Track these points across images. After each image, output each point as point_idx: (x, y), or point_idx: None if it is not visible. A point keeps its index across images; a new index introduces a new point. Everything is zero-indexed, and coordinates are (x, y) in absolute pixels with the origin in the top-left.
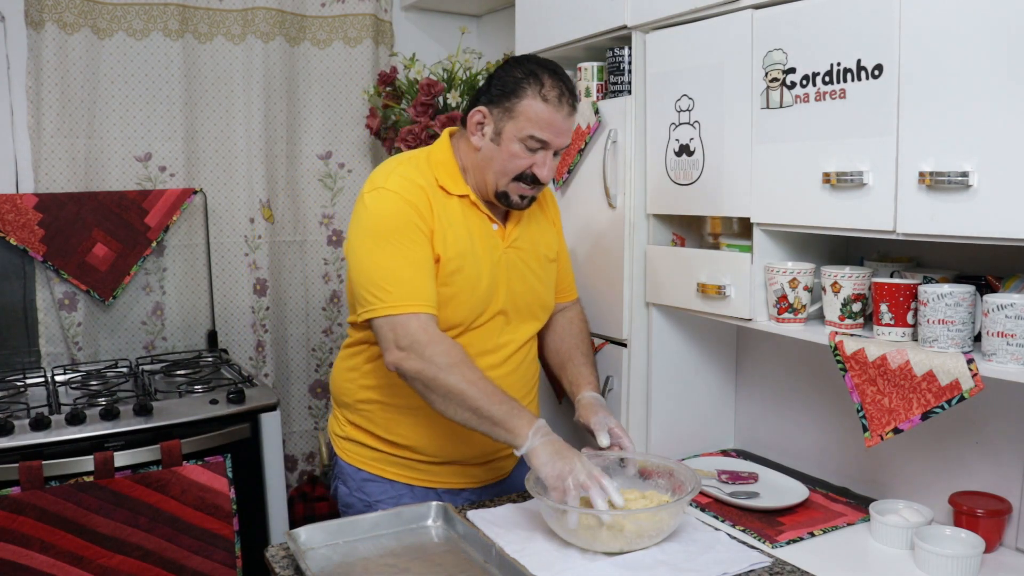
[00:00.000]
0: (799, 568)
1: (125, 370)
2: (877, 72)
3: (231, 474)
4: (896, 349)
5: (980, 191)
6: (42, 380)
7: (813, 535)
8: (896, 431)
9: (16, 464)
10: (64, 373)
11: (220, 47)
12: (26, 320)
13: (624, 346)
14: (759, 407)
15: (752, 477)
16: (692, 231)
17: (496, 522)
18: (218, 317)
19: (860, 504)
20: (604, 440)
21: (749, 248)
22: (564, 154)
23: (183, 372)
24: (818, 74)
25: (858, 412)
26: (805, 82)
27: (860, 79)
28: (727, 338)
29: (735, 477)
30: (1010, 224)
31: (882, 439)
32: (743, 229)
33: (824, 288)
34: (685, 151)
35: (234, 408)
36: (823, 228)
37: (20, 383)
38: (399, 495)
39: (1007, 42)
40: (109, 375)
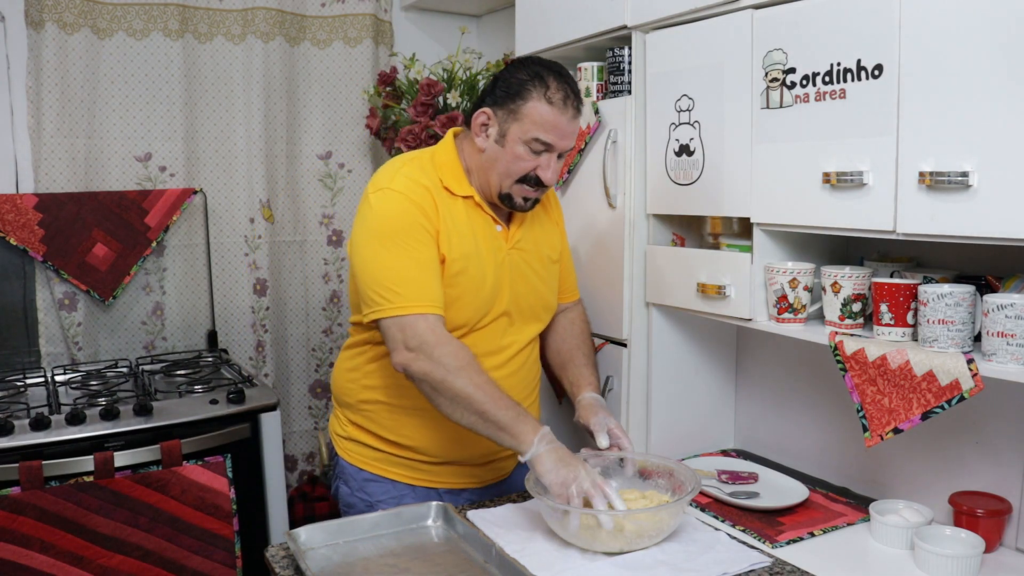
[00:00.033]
0: (799, 568)
1: (125, 370)
2: (877, 72)
3: (231, 474)
4: (896, 349)
5: (980, 191)
6: (42, 380)
7: (813, 535)
8: (896, 431)
9: (16, 464)
10: (64, 373)
11: (220, 47)
12: (26, 320)
13: (624, 346)
14: (759, 407)
15: (752, 477)
16: (692, 231)
17: (496, 522)
18: (218, 317)
19: (860, 504)
20: (603, 441)
21: (749, 248)
22: None
23: (183, 372)
24: (818, 74)
25: (858, 412)
26: (805, 82)
27: (860, 79)
28: (727, 338)
29: (735, 477)
30: (1010, 224)
31: (882, 439)
32: (743, 229)
33: (824, 288)
34: (685, 151)
35: (234, 408)
36: (823, 228)
37: (20, 383)
38: (401, 495)
39: (1007, 42)
40: (109, 375)
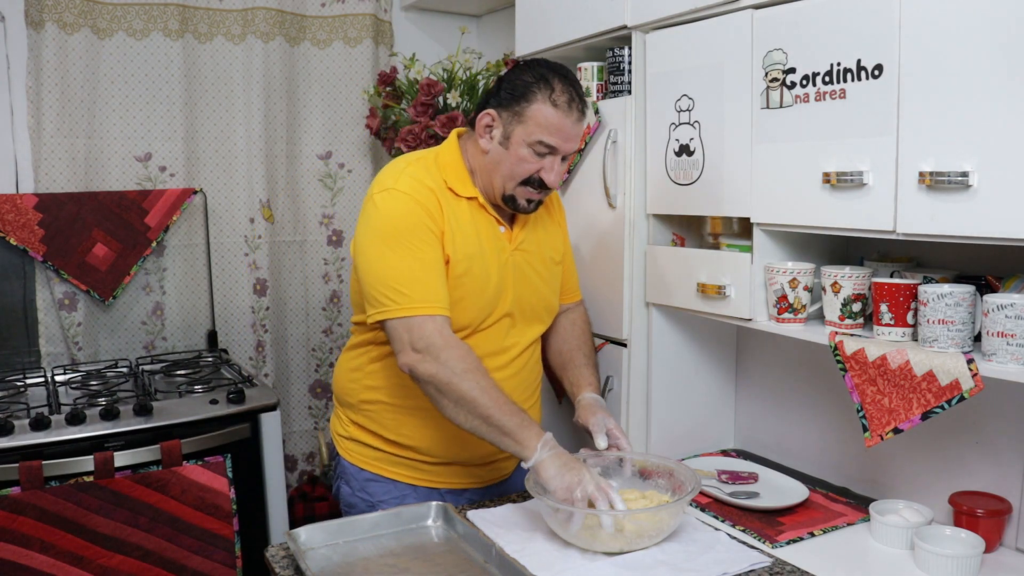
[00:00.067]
0: (799, 568)
1: (125, 370)
2: (877, 72)
3: (231, 474)
4: (896, 349)
5: (980, 191)
6: (42, 380)
7: (813, 535)
8: (896, 431)
9: (16, 464)
10: (64, 373)
11: (220, 47)
12: (26, 320)
13: (624, 346)
14: (759, 407)
15: (752, 477)
16: (692, 231)
17: (496, 522)
18: (218, 317)
19: (860, 504)
20: (601, 442)
21: (749, 248)
22: None
23: (183, 372)
24: (818, 74)
25: (858, 412)
26: (805, 82)
27: (860, 79)
28: (727, 338)
29: (735, 477)
30: (1010, 224)
31: (882, 439)
32: (743, 229)
33: (824, 288)
34: (685, 151)
35: (234, 408)
36: (823, 228)
37: (20, 383)
38: (402, 495)
39: (1007, 42)
40: (109, 375)
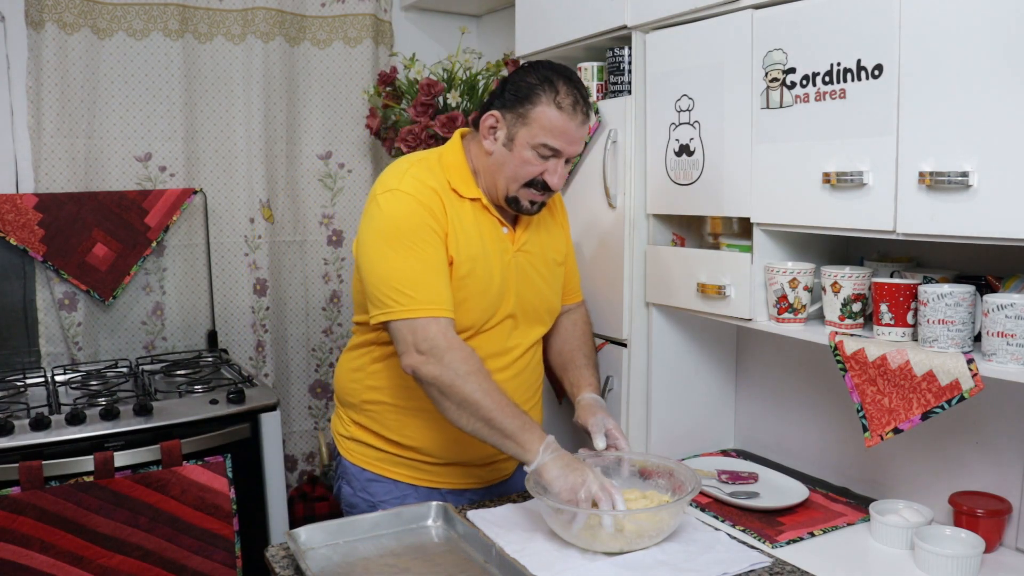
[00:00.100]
0: (799, 568)
1: (125, 370)
2: (877, 72)
3: (231, 474)
4: (896, 349)
5: (980, 191)
6: (42, 380)
7: (813, 535)
8: (896, 431)
9: (16, 464)
10: (64, 373)
11: (220, 47)
12: (26, 320)
13: (624, 346)
14: (759, 407)
15: (752, 477)
16: (692, 231)
17: (496, 522)
18: (218, 317)
19: (860, 504)
20: (600, 443)
21: (749, 248)
22: None
23: (183, 372)
24: (818, 74)
25: (858, 412)
26: (805, 82)
27: (860, 79)
28: (727, 338)
29: (735, 477)
30: (1010, 224)
31: (882, 439)
32: (743, 229)
33: (824, 288)
34: (685, 151)
35: (234, 408)
36: (823, 228)
37: (20, 383)
38: (403, 495)
39: (1007, 42)
40: (109, 375)
